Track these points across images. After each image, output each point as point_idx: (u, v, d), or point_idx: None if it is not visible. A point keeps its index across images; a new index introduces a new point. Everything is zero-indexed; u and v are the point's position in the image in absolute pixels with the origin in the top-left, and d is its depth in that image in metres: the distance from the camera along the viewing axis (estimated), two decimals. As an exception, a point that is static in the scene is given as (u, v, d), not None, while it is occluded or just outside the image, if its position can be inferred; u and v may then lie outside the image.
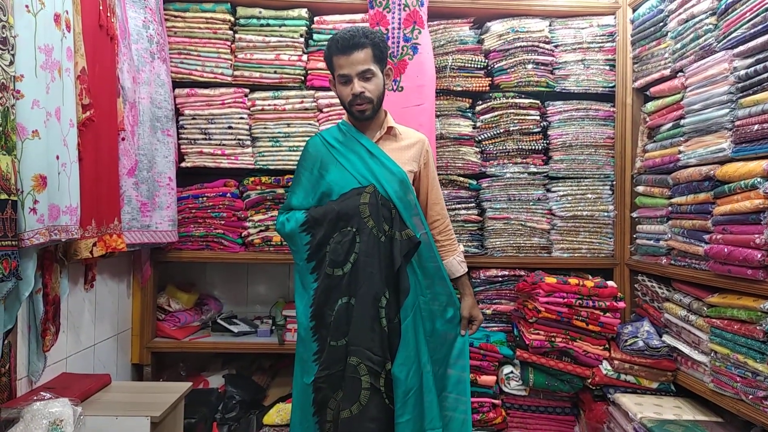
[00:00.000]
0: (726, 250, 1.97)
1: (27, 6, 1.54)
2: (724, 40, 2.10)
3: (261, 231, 2.81)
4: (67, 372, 2.10)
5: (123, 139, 2.22)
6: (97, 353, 2.37)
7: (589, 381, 2.48)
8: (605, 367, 2.45)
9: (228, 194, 2.80)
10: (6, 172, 1.42)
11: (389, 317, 1.86)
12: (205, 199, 2.79)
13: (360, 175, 1.94)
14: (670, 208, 2.42)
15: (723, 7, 2.10)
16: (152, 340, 2.78)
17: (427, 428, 1.85)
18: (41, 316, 1.83)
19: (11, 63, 1.47)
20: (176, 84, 2.74)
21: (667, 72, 2.50)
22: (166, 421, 1.93)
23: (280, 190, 2.80)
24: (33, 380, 1.88)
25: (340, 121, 2.12)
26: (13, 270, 1.45)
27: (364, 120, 1.98)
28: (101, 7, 1.99)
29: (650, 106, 2.63)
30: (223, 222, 2.80)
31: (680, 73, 2.39)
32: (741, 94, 2.01)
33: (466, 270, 2.16)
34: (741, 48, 2.00)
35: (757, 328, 1.82)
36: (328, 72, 2.02)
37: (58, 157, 1.64)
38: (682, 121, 2.33)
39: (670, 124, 2.46)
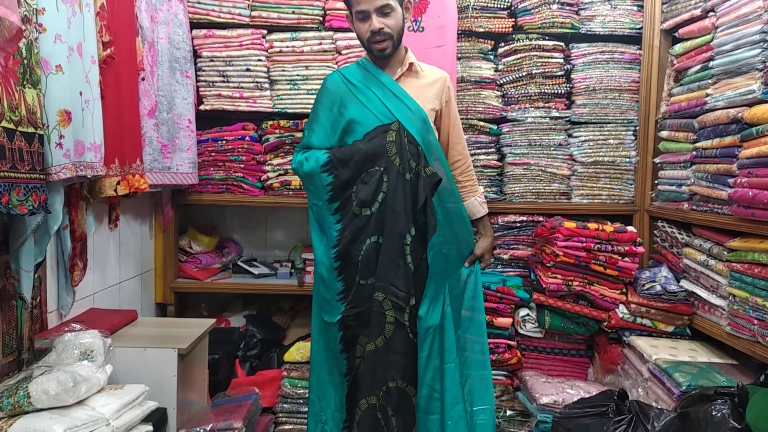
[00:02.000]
0: (751, 193, 1.94)
1: (45, -64, 1.52)
2: (760, -23, 2.02)
3: (280, 175, 2.82)
4: (95, 307, 2.17)
5: (143, 79, 2.21)
6: (122, 291, 2.44)
7: (605, 324, 2.51)
8: (621, 310, 2.47)
9: (247, 138, 2.80)
10: (32, 106, 1.43)
11: (415, 254, 1.87)
12: (224, 142, 2.80)
13: (381, 114, 1.92)
14: (694, 153, 2.38)
15: (760, -60, 2.01)
16: (175, 280, 2.85)
17: (446, 362, 1.89)
18: (69, 251, 1.87)
19: (32, -5, 1.46)
20: (194, 25, 2.71)
21: (697, 12, 2.41)
22: (191, 354, 2.00)
23: (299, 134, 2.79)
24: (63, 314, 1.94)
25: (360, 58, 2.08)
26: (42, 203, 1.48)
27: (384, 58, 1.95)
28: (118, -59, 1.96)
29: (678, 48, 2.55)
30: (242, 165, 2.82)
31: (711, 13, 2.31)
32: (775, 33, 1.94)
33: (487, 211, 2.17)
34: (778, -16, 1.92)
35: (779, 270, 1.81)
36: (347, 10, 1.98)
37: (81, 94, 1.65)
38: (711, 63, 2.27)
39: (698, 67, 2.40)
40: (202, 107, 2.77)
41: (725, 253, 2.09)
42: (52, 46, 1.53)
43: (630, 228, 2.54)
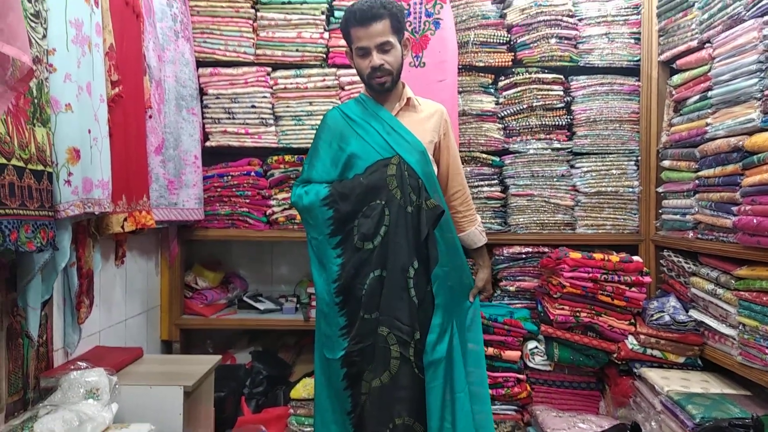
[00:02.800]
0: (755, 221, 1.94)
1: (57, -19, 1.56)
2: (754, 8, 2.05)
3: (285, 209, 2.83)
4: (100, 345, 2.15)
5: (150, 116, 2.24)
6: (128, 328, 2.43)
7: (615, 356, 2.48)
8: (631, 341, 2.44)
9: (252, 173, 2.83)
10: (42, 144, 1.45)
11: (418, 287, 1.87)
12: (229, 177, 2.83)
13: (381, 148, 1.94)
14: (697, 182, 2.39)
15: (753, -26, 2.05)
16: (180, 316, 2.84)
17: (457, 392, 1.86)
18: (75, 289, 1.87)
19: (44, 36, 1.50)
20: (199, 63, 2.77)
21: (694, 43, 2.45)
22: (197, 392, 1.98)
23: (304, 169, 2.81)
24: (69, 351, 1.93)
25: (359, 94, 2.12)
26: (50, 240, 1.48)
27: (384, 92, 1.98)
28: (127, -15, 2.01)
29: (676, 79, 2.59)
30: (247, 200, 2.83)
31: (707, 44, 2.35)
32: (772, 63, 1.97)
33: (487, 240, 2.20)
34: (772, 15, 1.96)
35: (788, 298, 1.80)
36: (347, 47, 2.02)
37: (89, 131, 1.67)
38: (710, 93, 2.29)
39: (697, 97, 2.42)
40: (208, 143, 2.81)
41: (733, 281, 2.08)
42: (62, 86, 1.56)
43: (636, 258, 2.53)
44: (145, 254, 2.62)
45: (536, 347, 2.61)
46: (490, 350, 2.50)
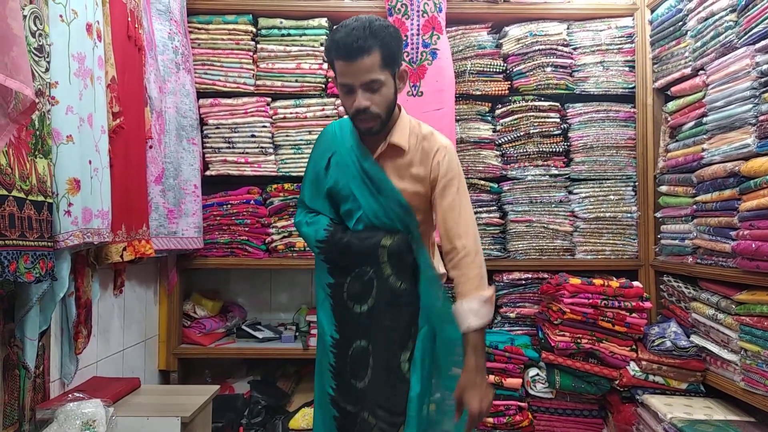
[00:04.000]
0: (754, 245, 1.95)
1: (61, 15, 1.60)
2: (746, 36, 2.09)
3: (284, 237, 2.84)
4: (97, 375, 2.14)
5: (150, 147, 2.27)
6: (125, 358, 2.41)
7: (617, 382, 2.46)
8: (633, 368, 2.42)
9: (252, 201, 2.84)
10: (43, 175, 1.47)
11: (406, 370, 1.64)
12: (229, 206, 2.84)
13: (359, 189, 1.70)
14: (694, 207, 2.40)
15: (743, 3, 2.09)
16: (179, 346, 2.82)
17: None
18: (74, 318, 1.87)
19: (47, 70, 1.52)
20: (200, 94, 2.80)
21: (687, 71, 2.49)
22: (195, 422, 1.96)
23: (303, 197, 2.83)
24: (65, 382, 1.91)
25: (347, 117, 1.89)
26: (49, 270, 1.49)
27: (371, 135, 1.66)
28: (129, 19, 2.05)
29: (671, 105, 2.62)
30: (247, 228, 2.84)
31: (701, 72, 2.39)
32: (764, 89, 2.00)
33: (482, 323, 1.58)
34: (763, 43, 1.99)
35: (789, 323, 1.79)
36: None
37: (90, 162, 1.69)
38: (705, 119, 2.32)
39: (692, 123, 2.45)
40: (207, 172, 2.83)
41: (733, 306, 2.07)
42: (63, 118, 1.58)
43: (636, 283, 2.53)
44: (144, 283, 2.62)
45: (537, 374, 2.59)
46: (491, 378, 2.48)
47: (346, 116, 1.73)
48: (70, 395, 1.75)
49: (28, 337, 1.58)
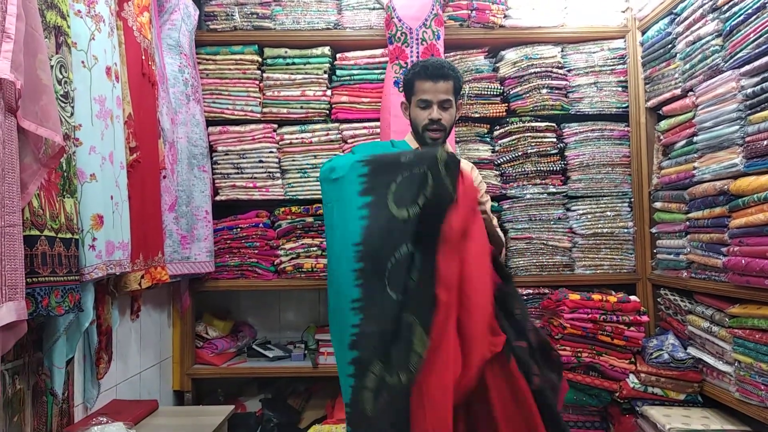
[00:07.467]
0: (743, 261, 2.03)
1: (83, 62, 1.70)
2: (731, 60, 2.19)
3: (292, 258, 2.93)
4: (117, 399, 2.22)
5: (164, 177, 2.36)
6: (142, 381, 2.49)
7: (617, 395, 2.53)
8: (632, 380, 2.50)
9: (260, 224, 2.94)
10: (70, 213, 1.56)
11: None
12: (239, 230, 2.94)
13: None
14: (687, 223, 2.49)
15: (728, 28, 2.19)
16: (192, 366, 2.90)
17: None
18: (95, 345, 1.96)
19: (72, 114, 1.62)
20: (209, 122, 2.91)
21: (677, 91, 2.58)
22: (212, 442, 2.04)
23: (310, 219, 2.93)
24: (88, 406, 2.00)
25: (403, 139, 2.08)
26: (77, 303, 1.58)
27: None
28: (143, 57, 2.15)
29: (663, 124, 2.71)
30: (256, 251, 2.94)
31: (690, 93, 2.48)
32: (749, 111, 2.09)
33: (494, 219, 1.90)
34: (747, 67, 2.09)
35: (778, 336, 1.87)
36: (351, 105, 2.05)
37: (112, 197, 1.79)
38: (695, 138, 2.41)
39: (683, 141, 2.54)
40: (217, 198, 2.93)
41: (726, 319, 2.16)
42: (87, 158, 1.68)
43: (633, 297, 2.61)
44: (158, 307, 2.71)
45: (541, 388, 2.66)
46: (496, 392, 2.55)
47: (347, 148, 1.85)
48: (93, 419, 1.84)
49: (56, 365, 1.67)
